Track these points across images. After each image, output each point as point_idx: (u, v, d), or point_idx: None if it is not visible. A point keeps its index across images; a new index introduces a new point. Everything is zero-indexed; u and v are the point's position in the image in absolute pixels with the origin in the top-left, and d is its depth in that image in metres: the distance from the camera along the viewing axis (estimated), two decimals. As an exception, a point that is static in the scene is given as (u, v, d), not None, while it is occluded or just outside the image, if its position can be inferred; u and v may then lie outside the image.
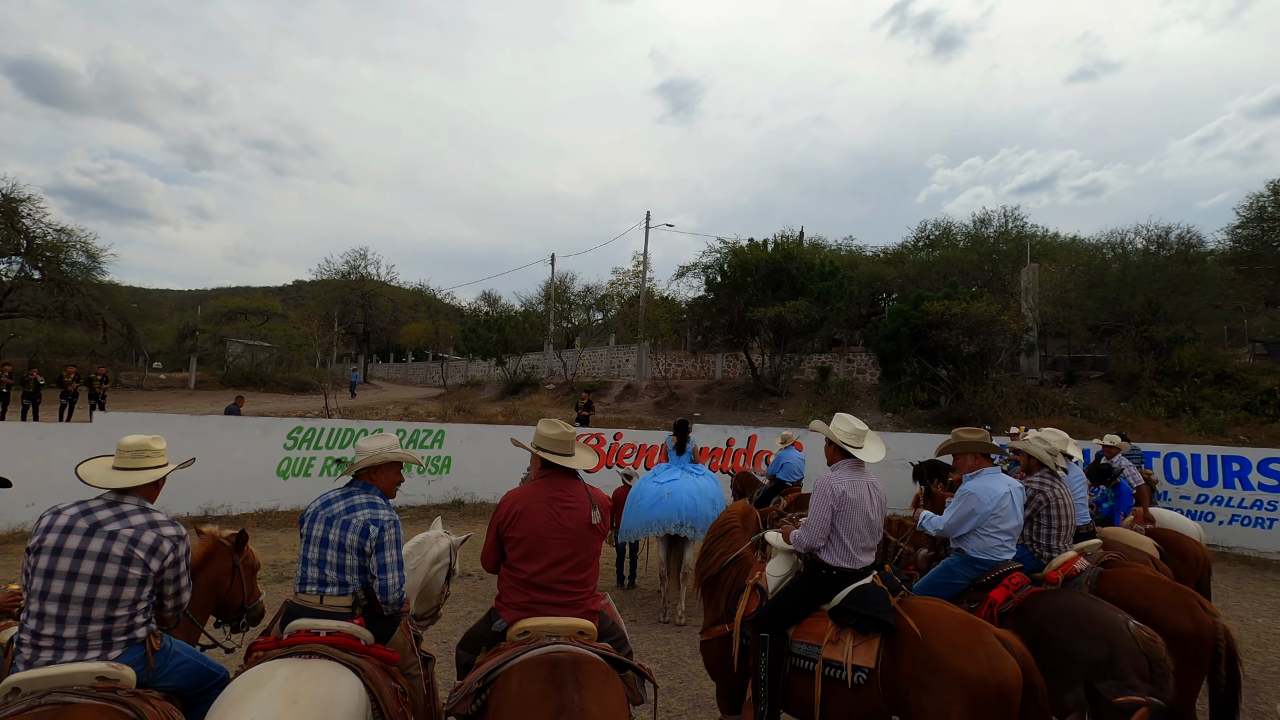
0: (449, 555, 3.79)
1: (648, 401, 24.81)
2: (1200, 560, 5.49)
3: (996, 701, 2.76)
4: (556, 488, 2.89)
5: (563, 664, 2.37)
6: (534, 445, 3.01)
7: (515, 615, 2.73)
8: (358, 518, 2.74)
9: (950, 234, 32.25)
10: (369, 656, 2.63)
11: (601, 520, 2.89)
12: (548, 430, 3.01)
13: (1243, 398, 17.00)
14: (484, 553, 2.99)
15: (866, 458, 3.49)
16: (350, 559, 2.72)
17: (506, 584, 2.84)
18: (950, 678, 2.83)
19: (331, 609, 2.68)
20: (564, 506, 2.83)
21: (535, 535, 2.76)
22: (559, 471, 2.95)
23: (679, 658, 6.09)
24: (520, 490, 2.92)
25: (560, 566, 2.76)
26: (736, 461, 14.52)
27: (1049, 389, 20.85)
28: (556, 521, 2.79)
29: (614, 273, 33.99)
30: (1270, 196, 22.16)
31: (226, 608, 3.56)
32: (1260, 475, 10.62)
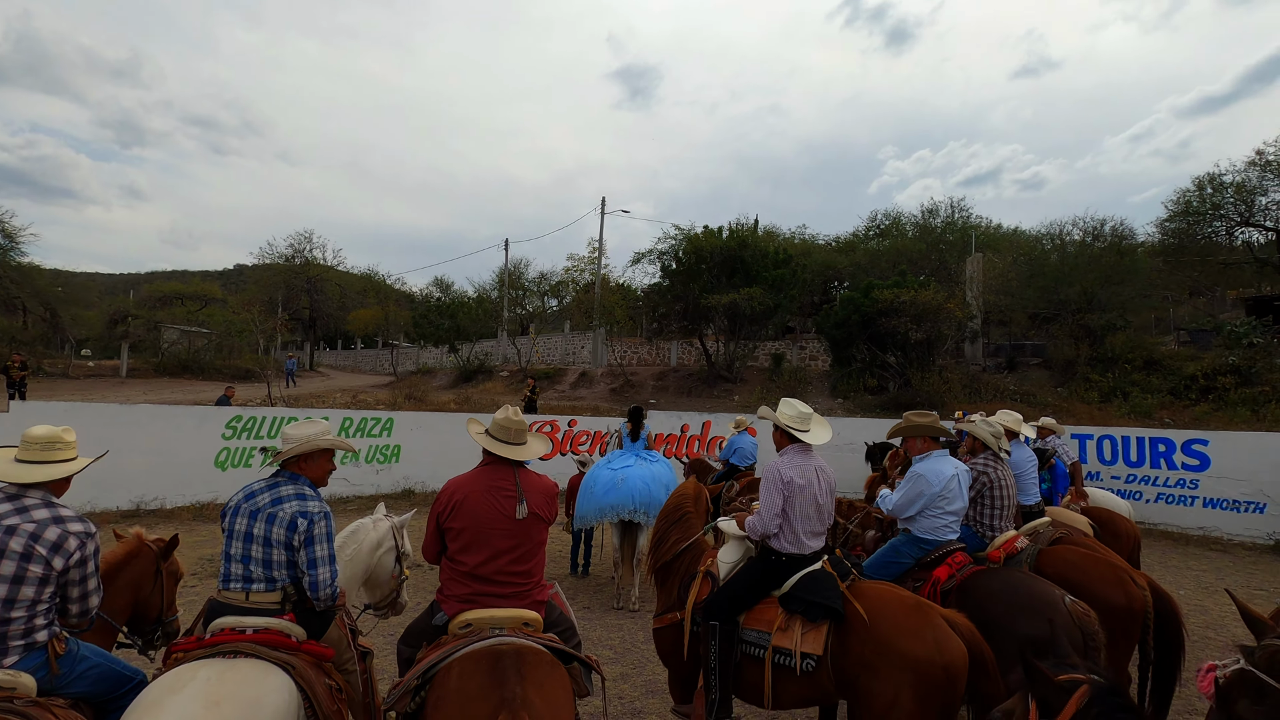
0: (393, 538, 3.65)
1: (603, 389, 24.72)
2: (1131, 537, 5.73)
3: (944, 682, 2.80)
4: (499, 476, 2.79)
5: (505, 656, 2.28)
6: (484, 432, 2.90)
7: (457, 608, 2.63)
8: (284, 510, 2.59)
9: (900, 224, 32.97)
10: (300, 654, 2.49)
11: (542, 509, 2.79)
12: (499, 416, 2.91)
13: (1168, 383, 17.91)
14: (424, 544, 2.87)
15: (813, 440, 3.49)
16: (277, 553, 2.57)
17: (448, 576, 2.73)
18: (898, 661, 2.85)
19: (259, 605, 2.53)
20: (506, 496, 2.73)
21: (476, 526, 2.66)
22: (502, 460, 2.84)
23: (632, 644, 6.08)
24: (461, 479, 2.80)
25: (504, 557, 2.67)
26: (691, 448, 14.59)
27: (991, 375, 21.58)
28: (499, 511, 2.69)
29: (569, 259, 33.66)
30: (1196, 192, 23.31)
31: (143, 617, 3.28)
32: (1183, 455, 11.20)
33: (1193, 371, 17.78)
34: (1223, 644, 6.25)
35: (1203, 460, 11.01)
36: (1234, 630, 6.60)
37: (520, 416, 2.93)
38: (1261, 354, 17.77)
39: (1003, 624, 3.23)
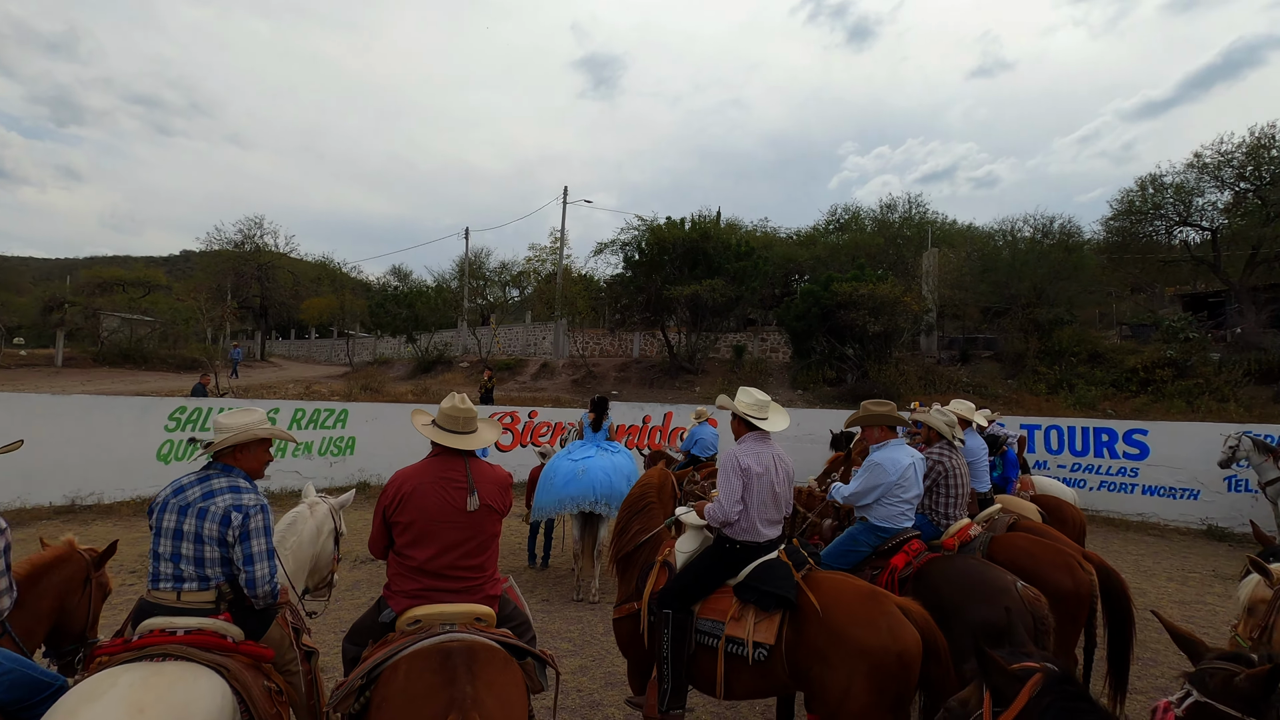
0: (332, 520, 3.52)
1: (564, 380, 24.56)
2: (1077, 523, 5.92)
3: (898, 670, 2.81)
4: (449, 467, 2.68)
5: (455, 654, 2.20)
6: (431, 420, 2.80)
7: (405, 604, 2.52)
8: (217, 504, 2.44)
9: (859, 218, 33.50)
10: (237, 655, 2.36)
11: (495, 501, 2.70)
12: (446, 404, 2.80)
13: (1111, 375, 18.62)
14: (371, 538, 2.75)
15: (770, 428, 3.47)
16: (210, 550, 2.42)
17: (395, 571, 2.62)
18: (852, 650, 2.85)
19: (191, 605, 2.39)
20: (457, 487, 2.62)
21: (426, 519, 2.55)
22: (452, 449, 2.74)
23: (592, 636, 6.03)
24: (408, 471, 2.69)
25: (454, 551, 2.57)
26: (652, 439, 14.59)
27: (945, 367, 22.13)
28: (449, 504, 2.58)
29: (531, 249, 33.27)
30: (1138, 192, 24.17)
31: (65, 632, 3.03)
32: (1125, 445, 11.65)
33: (1133, 364, 18.52)
34: (1159, 625, 6.50)
35: (1142, 449, 11.47)
36: (1170, 612, 6.88)
37: (469, 404, 2.82)
38: (1196, 348, 18.60)
39: (958, 610, 3.27)
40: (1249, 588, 2.63)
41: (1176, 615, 6.81)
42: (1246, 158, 21.65)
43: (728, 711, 4.65)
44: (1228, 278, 22.08)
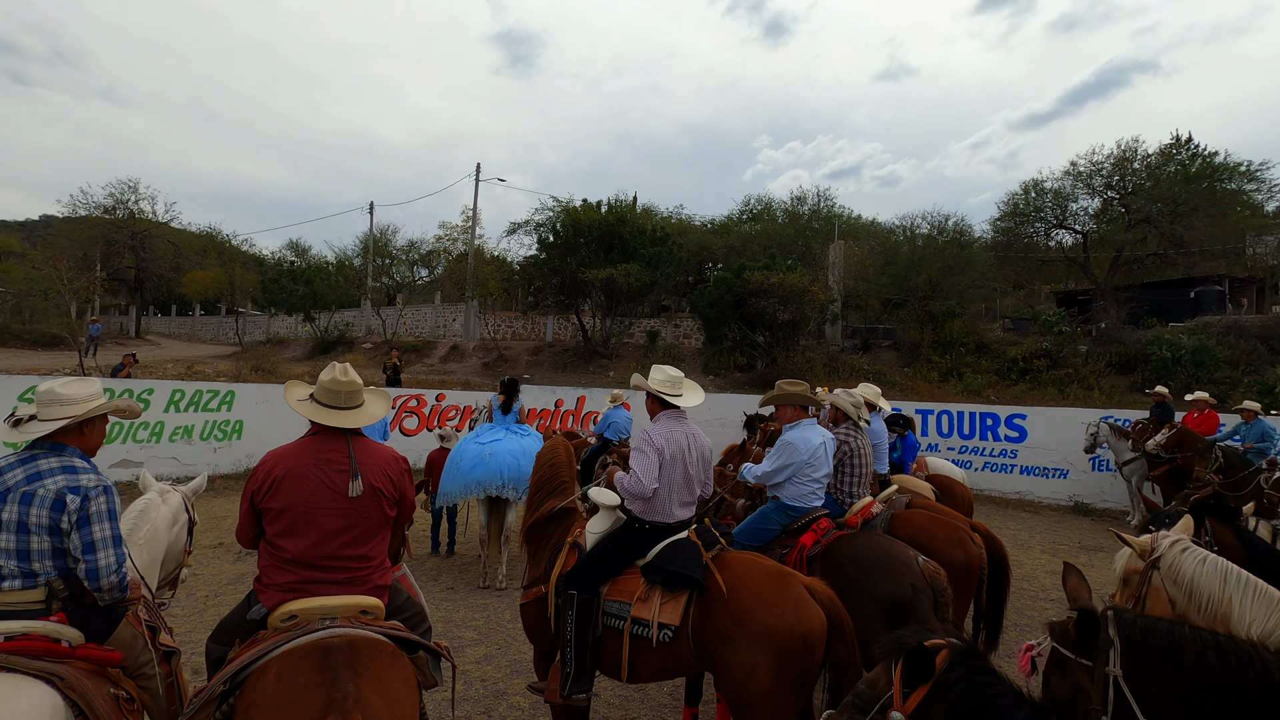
0: (185, 509, 3.16)
1: (475, 363, 23.89)
2: (966, 501, 6.27)
3: (802, 651, 2.81)
4: (329, 447, 2.42)
5: (336, 650, 1.98)
6: (308, 395, 2.52)
7: (278, 598, 2.26)
8: (47, 487, 2.11)
9: (771, 209, 34.35)
10: (74, 661, 2.04)
11: (383, 484, 2.46)
12: (324, 377, 2.53)
13: (995, 365, 20.04)
14: (239, 527, 2.46)
15: (684, 404, 3.43)
16: (38, 541, 2.08)
17: (268, 562, 2.34)
18: (757, 631, 2.84)
19: (14, 606, 2.04)
20: (338, 469, 2.38)
21: (301, 505, 2.30)
22: (332, 428, 2.48)
23: (498, 623, 5.86)
24: (281, 451, 2.41)
25: (335, 540, 2.32)
26: (565, 422, 14.41)
27: (848, 355, 23.10)
28: (328, 488, 2.33)
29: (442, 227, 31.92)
30: (1022, 195, 26.08)
31: None
32: (1006, 429, 12.54)
33: (1014, 355, 20.02)
34: (1033, 594, 7.04)
35: (1021, 433, 12.39)
36: (1043, 582, 7.45)
37: (352, 375, 2.57)
38: (1068, 341, 20.32)
39: (865, 586, 3.34)
40: (1123, 560, 2.79)
41: (1049, 584, 7.38)
42: (1114, 168, 23.73)
43: (635, 693, 4.62)
44: (1095, 278, 24.19)
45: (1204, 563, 2.50)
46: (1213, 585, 2.44)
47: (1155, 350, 17.91)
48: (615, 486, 3.46)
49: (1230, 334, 18.66)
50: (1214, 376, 16.48)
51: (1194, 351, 17.43)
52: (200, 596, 6.05)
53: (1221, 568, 2.49)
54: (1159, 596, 2.60)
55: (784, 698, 2.81)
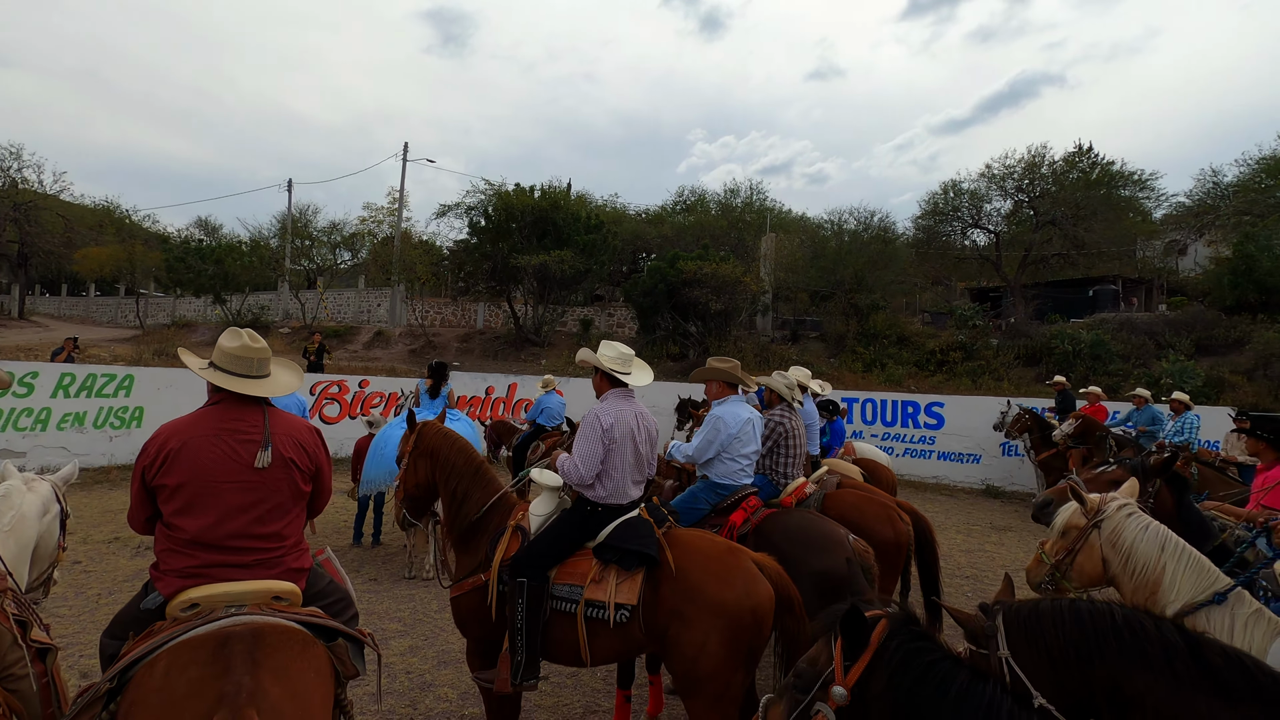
0: (56, 499, 2.86)
1: (401, 349, 23.09)
2: (890, 484, 6.49)
3: (752, 625, 2.82)
4: (234, 416, 2.22)
5: (235, 639, 1.81)
6: (208, 362, 2.30)
7: (177, 585, 2.04)
8: None
9: (704, 201, 34.63)
10: None
11: (297, 455, 2.28)
12: (229, 343, 2.31)
13: (915, 356, 20.95)
14: (130, 510, 2.22)
15: (635, 382, 3.37)
16: None
17: (164, 546, 2.12)
18: (708, 606, 2.83)
19: None
20: (244, 439, 2.18)
21: (201, 480, 2.09)
22: (237, 397, 2.27)
23: (424, 614, 5.66)
24: (176, 424, 2.19)
25: (242, 517, 2.13)
26: (496, 410, 14.11)
27: (778, 345, 23.62)
28: (233, 460, 2.14)
29: (366, 208, 30.53)
30: (941, 195, 27.33)
31: None
32: (925, 416, 13.11)
33: (932, 347, 20.99)
34: (951, 572, 7.38)
35: (939, 420, 12.98)
36: (958, 560, 7.82)
37: (261, 342, 2.36)
38: (981, 334, 21.45)
39: (797, 563, 3.37)
40: (1066, 513, 2.85)
41: (964, 562, 7.75)
42: (1024, 172, 25.19)
43: (568, 679, 4.54)
44: (1005, 276, 25.64)
45: (1145, 529, 2.60)
46: (1150, 553, 2.54)
47: (1058, 344, 19.13)
48: (558, 469, 3.37)
49: (1123, 330, 20.14)
50: (1109, 369, 17.76)
51: (1092, 346, 18.72)
52: (92, 594, 5.57)
53: (1161, 536, 2.60)
54: (1092, 554, 2.69)
55: (734, 672, 2.82)
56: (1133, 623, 1.74)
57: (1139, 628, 1.72)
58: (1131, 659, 1.69)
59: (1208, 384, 16.08)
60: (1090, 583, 2.77)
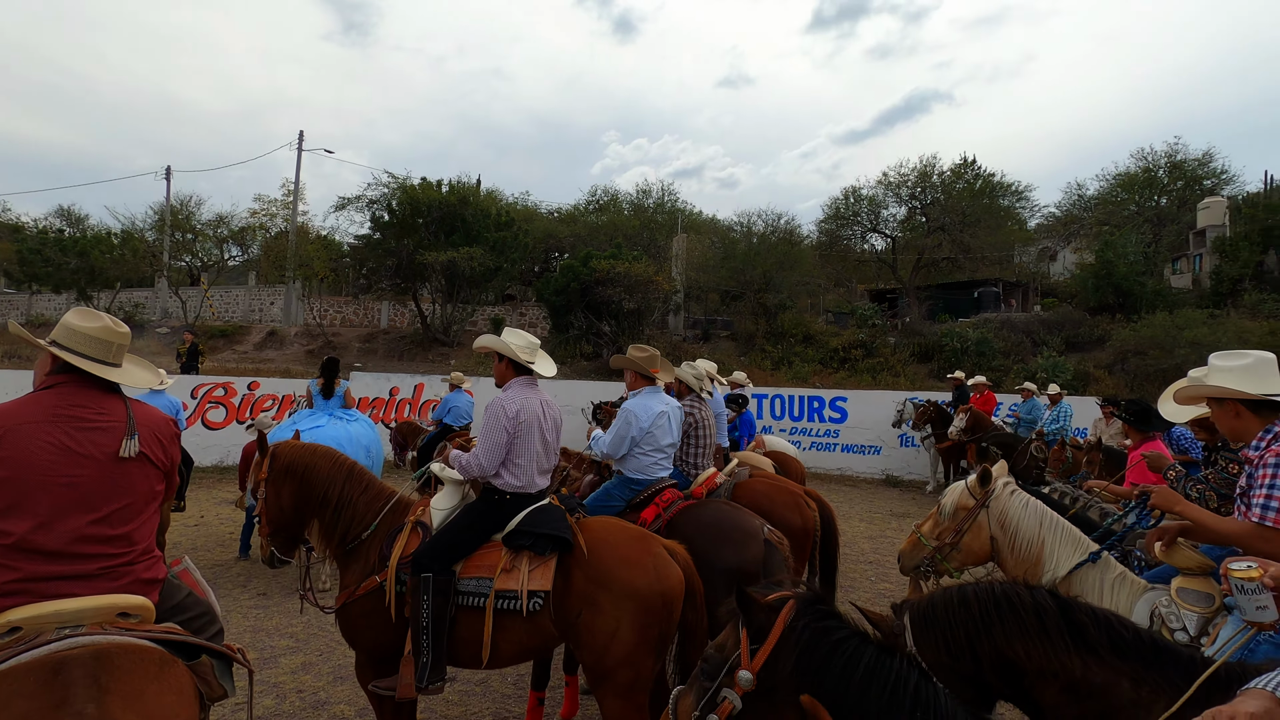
0: None
1: (298, 349, 21.75)
2: (800, 475, 6.65)
3: (662, 609, 2.80)
4: (76, 402, 1.92)
5: (72, 665, 1.54)
6: (50, 340, 1.99)
7: None
8: None
9: (617, 201, 34.69)
10: None
11: (153, 449, 2.00)
12: (85, 322, 2.01)
13: (820, 354, 21.82)
14: None
15: (542, 371, 3.29)
16: None
17: None
18: (620, 591, 2.78)
19: None
20: (85, 427, 1.88)
21: (27, 474, 1.77)
22: (82, 377, 1.97)
23: (318, 629, 5.27)
24: (2, 408, 1.87)
25: (80, 517, 1.82)
26: (401, 412, 13.49)
27: (690, 344, 23.96)
28: (69, 450, 1.83)
29: (258, 200, 28.44)
30: (843, 200, 28.67)
31: None
32: (830, 411, 13.61)
33: (835, 345, 21.94)
34: (854, 558, 7.66)
35: (842, 414, 13.51)
36: (862, 547, 8.12)
37: (125, 329, 2.07)
38: (879, 333, 22.61)
39: (711, 555, 3.34)
40: (956, 494, 2.96)
41: (867, 548, 8.06)
42: (917, 180, 26.81)
43: (476, 687, 4.35)
44: (901, 278, 27.16)
45: (1025, 506, 2.74)
46: (1031, 528, 2.68)
47: (948, 341, 20.45)
48: (454, 465, 3.21)
49: (1004, 328, 21.77)
50: (992, 364, 19.12)
51: (977, 343, 20.13)
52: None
53: (1039, 511, 2.74)
54: (980, 534, 2.80)
55: (645, 658, 2.78)
56: (1010, 595, 1.85)
57: (1016, 599, 1.83)
58: (1010, 629, 1.80)
59: (1076, 377, 17.61)
60: (974, 562, 2.89)
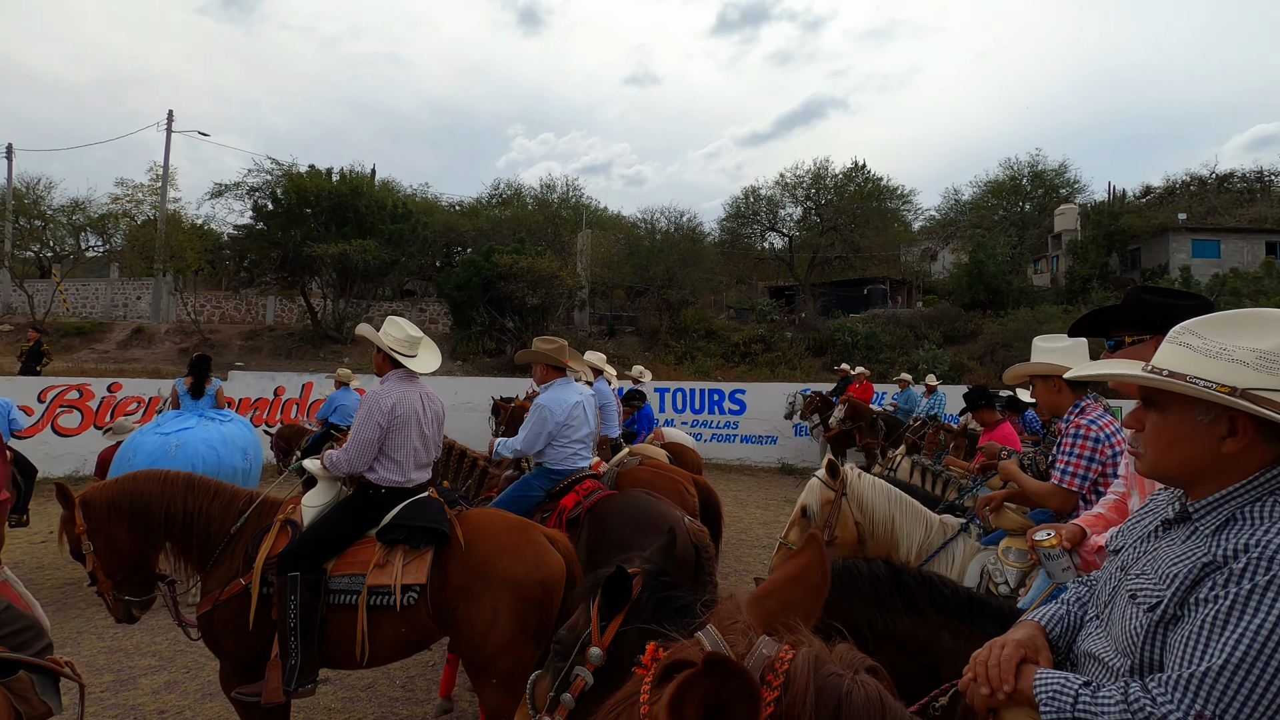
0: None
1: (169, 348, 20.05)
2: (696, 465, 6.83)
3: (541, 597, 2.81)
4: None
5: None
6: None
7: None
8: None
9: (521, 195, 34.14)
10: None
11: None
12: None
13: (721, 349, 22.44)
14: None
15: (419, 368, 3.20)
16: None
17: None
18: (497, 580, 2.78)
19: None
20: None
21: None
22: None
23: (184, 645, 4.89)
24: None
25: None
26: (287, 413, 12.73)
27: (595, 340, 23.99)
28: None
29: (120, 185, 25.79)
30: (743, 200, 29.57)
31: None
32: (729, 403, 14.04)
33: (736, 340, 22.63)
34: (749, 543, 7.95)
35: (741, 406, 13.97)
36: (757, 533, 8.44)
37: None
38: (778, 328, 23.53)
39: (629, 544, 3.36)
40: (814, 492, 3.10)
41: (761, 534, 8.39)
42: (811, 182, 28.06)
43: (361, 692, 4.19)
44: (798, 275, 28.34)
45: (873, 486, 2.94)
46: (883, 508, 2.88)
47: (840, 336, 21.58)
48: (326, 464, 3.08)
49: (890, 323, 23.22)
50: (879, 357, 20.34)
51: (866, 337, 21.35)
52: None
53: (884, 490, 2.94)
54: (847, 522, 2.98)
55: (524, 647, 2.77)
56: (850, 569, 2.02)
57: (854, 571, 2.01)
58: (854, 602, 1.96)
59: (952, 368, 19.06)
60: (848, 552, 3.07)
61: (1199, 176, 32.69)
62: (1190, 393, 1.03)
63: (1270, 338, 1.02)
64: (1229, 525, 1.01)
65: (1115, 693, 0.99)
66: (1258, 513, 0.99)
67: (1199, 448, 1.06)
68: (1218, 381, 1.02)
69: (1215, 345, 1.04)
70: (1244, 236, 25.32)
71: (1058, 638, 1.26)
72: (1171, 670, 0.96)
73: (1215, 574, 0.97)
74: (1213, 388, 1.01)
